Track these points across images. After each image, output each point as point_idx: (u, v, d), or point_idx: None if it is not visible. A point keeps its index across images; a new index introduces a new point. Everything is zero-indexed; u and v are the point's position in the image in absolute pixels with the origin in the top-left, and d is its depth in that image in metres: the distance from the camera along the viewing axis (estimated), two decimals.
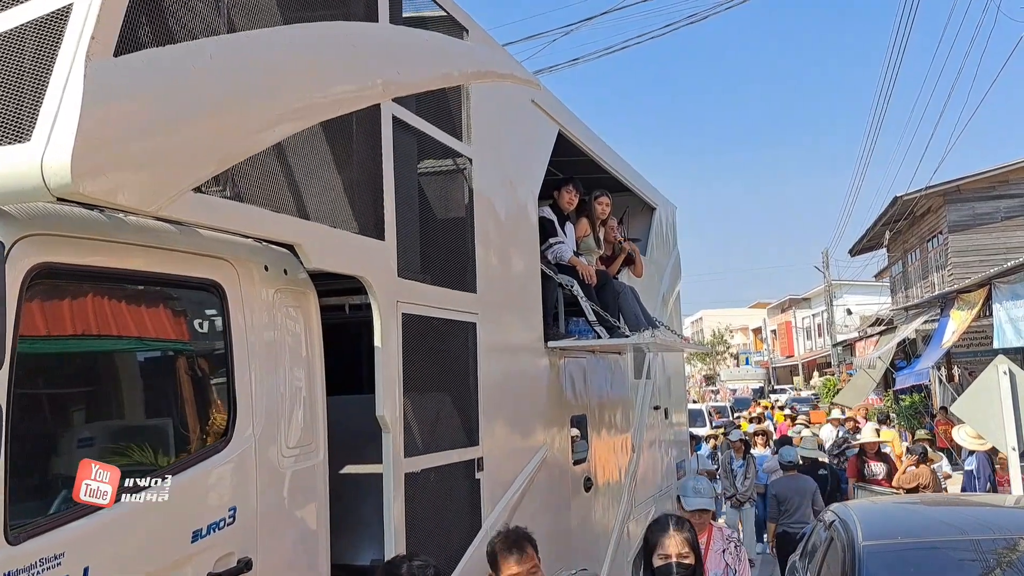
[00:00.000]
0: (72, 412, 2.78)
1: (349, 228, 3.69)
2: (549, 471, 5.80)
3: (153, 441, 2.89)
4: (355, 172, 3.81)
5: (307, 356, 3.64)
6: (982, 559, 4.56)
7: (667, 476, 9.14)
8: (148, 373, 3.01)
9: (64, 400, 2.76)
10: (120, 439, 2.82)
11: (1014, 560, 4.56)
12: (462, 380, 4.71)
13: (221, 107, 2.84)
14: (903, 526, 5.28)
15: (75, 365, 2.80)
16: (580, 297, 6.17)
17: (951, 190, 22.39)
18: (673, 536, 3.48)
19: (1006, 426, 7.52)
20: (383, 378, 3.84)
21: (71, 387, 2.78)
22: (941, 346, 19.10)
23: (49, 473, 2.65)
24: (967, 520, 5.30)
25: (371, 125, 3.90)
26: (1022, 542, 4.74)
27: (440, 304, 4.44)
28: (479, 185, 4.92)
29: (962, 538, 4.83)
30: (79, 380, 2.81)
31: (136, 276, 2.86)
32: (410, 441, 4.05)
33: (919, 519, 5.62)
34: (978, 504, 6.68)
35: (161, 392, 3.04)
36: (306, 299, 3.66)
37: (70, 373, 2.79)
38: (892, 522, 5.45)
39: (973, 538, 4.79)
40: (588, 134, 7.20)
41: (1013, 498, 7.26)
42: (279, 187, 3.31)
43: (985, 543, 4.66)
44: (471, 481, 4.68)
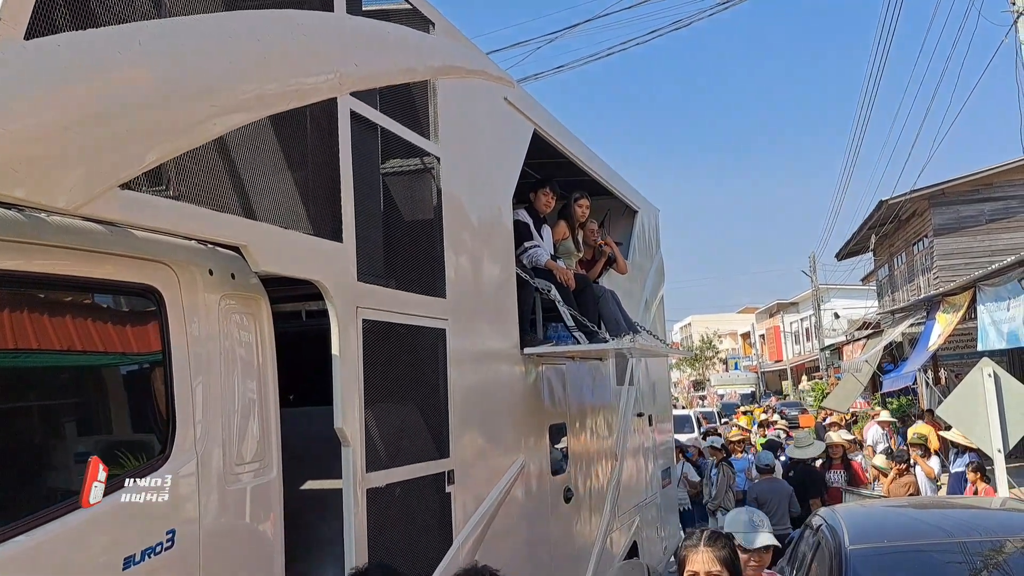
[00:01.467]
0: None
1: (302, 229, 3.47)
2: (526, 482, 5.58)
3: (77, 461, 2.65)
4: (309, 170, 3.60)
5: (259, 366, 3.41)
6: (968, 562, 4.56)
7: (652, 485, 8.93)
8: (73, 387, 2.77)
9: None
10: (39, 460, 2.58)
11: (1000, 562, 4.58)
12: (431, 389, 4.48)
13: (152, 98, 2.61)
14: (890, 529, 5.25)
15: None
16: (558, 302, 5.97)
17: (936, 193, 22.38)
18: (703, 552, 3.09)
19: (991, 428, 7.55)
20: (342, 388, 3.62)
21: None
22: (927, 349, 19.12)
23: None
24: (953, 523, 5.30)
25: (327, 120, 3.68)
26: (1008, 544, 4.78)
27: (406, 310, 4.22)
28: (448, 185, 4.71)
29: (948, 541, 4.83)
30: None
31: (59, 281, 2.63)
32: (373, 455, 3.82)
33: (905, 522, 5.58)
34: (964, 507, 6.65)
35: (88, 407, 2.81)
36: (257, 305, 3.44)
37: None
38: (879, 525, 5.42)
39: (959, 541, 4.79)
40: (566, 135, 7.00)
41: (998, 500, 7.35)
42: (223, 185, 3.08)
43: (971, 545, 4.67)
44: (441, 495, 4.46)
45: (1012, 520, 5.57)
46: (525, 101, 6.03)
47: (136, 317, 2.93)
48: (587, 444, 6.90)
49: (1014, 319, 14.91)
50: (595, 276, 7.24)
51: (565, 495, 6.26)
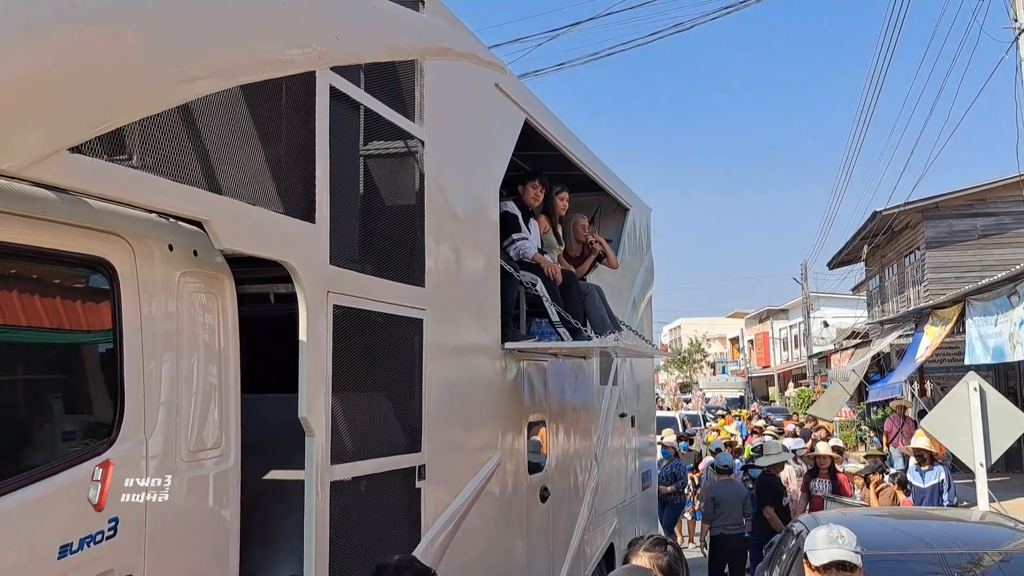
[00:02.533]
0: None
1: (272, 207, 3.30)
2: (502, 480, 5.43)
3: (12, 442, 2.48)
4: (283, 146, 3.43)
5: (220, 349, 3.25)
6: (947, 573, 4.60)
7: (632, 486, 8.79)
8: (12, 364, 2.59)
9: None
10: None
11: (978, 575, 4.65)
12: (405, 381, 4.32)
13: (105, 56, 2.44)
14: (870, 538, 5.11)
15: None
16: (543, 297, 5.81)
17: (929, 207, 22.43)
18: (642, 556, 3.16)
19: (974, 442, 7.63)
20: (308, 376, 3.45)
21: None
22: (914, 361, 19.13)
23: None
24: (933, 534, 5.33)
25: (304, 95, 3.51)
26: (986, 557, 4.84)
27: (381, 297, 4.05)
28: (432, 170, 4.54)
29: (928, 552, 4.86)
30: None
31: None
32: (338, 446, 3.66)
33: (886, 532, 5.56)
34: (944, 519, 6.67)
35: (28, 386, 2.63)
36: (220, 285, 3.27)
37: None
38: (859, 534, 5.37)
39: (938, 552, 4.82)
40: (559, 126, 6.83)
41: (979, 513, 7.40)
42: (187, 155, 2.91)
43: (950, 557, 4.71)
44: (411, 491, 4.30)
45: (991, 534, 5.66)
46: (517, 89, 5.86)
47: (86, 292, 2.76)
48: (567, 443, 6.75)
49: (1000, 334, 14.92)
50: (584, 273, 7.09)
51: (541, 494, 6.11)
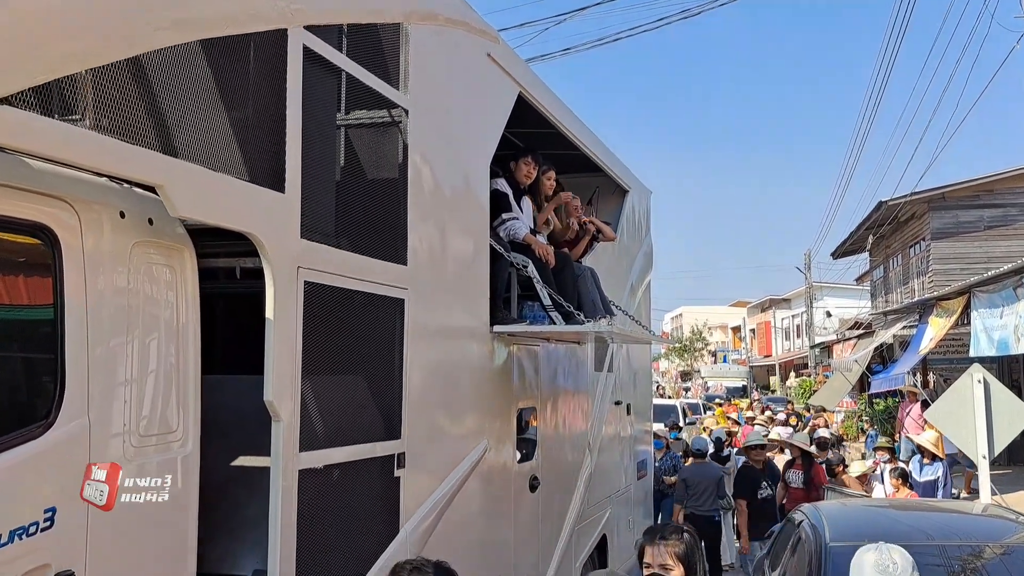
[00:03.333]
0: None
1: (235, 173, 3.05)
2: (489, 469, 5.21)
3: None
4: (250, 109, 3.18)
5: (179, 326, 3.02)
6: (947, 564, 4.63)
7: (627, 476, 8.58)
8: None
9: None
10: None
11: (978, 567, 4.68)
12: (384, 363, 4.09)
13: None
14: (871, 528, 5.20)
15: None
16: (535, 279, 5.57)
17: (936, 197, 22.25)
18: (658, 544, 3.16)
19: (977, 434, 7.62)
20: (275, 356, 3.22)
21: None
22: (918, 352, 18.99)
23: None
24: (935, 525, 5.35)
25: (274, 55, 3.26)
26: (987, 549, 4.87)
27: (358, 275, 3.82)
28: (416, 141, 4.30)
29: (929, 543, 4.84)
30: None
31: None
32: (309, 432, 3.44)
33: (887, 522, 5.57)
34: (946, 510, 6.68)
35: None
36: (179, 257, 3.04)
37: None
38: (860, 524, 5.48)
39: (940, 543, 4.85)
40: (555, 103, 6.58)
41: (980, 505, 7.44)
42: (138, 114, 2.67)
43: (951, 549, 4.75)
44: (388, 479, 4.08)
45: (992, 526, 5.66)
46: (511, 60, 5.60)
47: (22, 262, 2.53)
48: (558, 430, 6.54)
49: (1006, 327, 14.73)
50: (578, 255, 6.84)
51: (531, 483, 5.89)
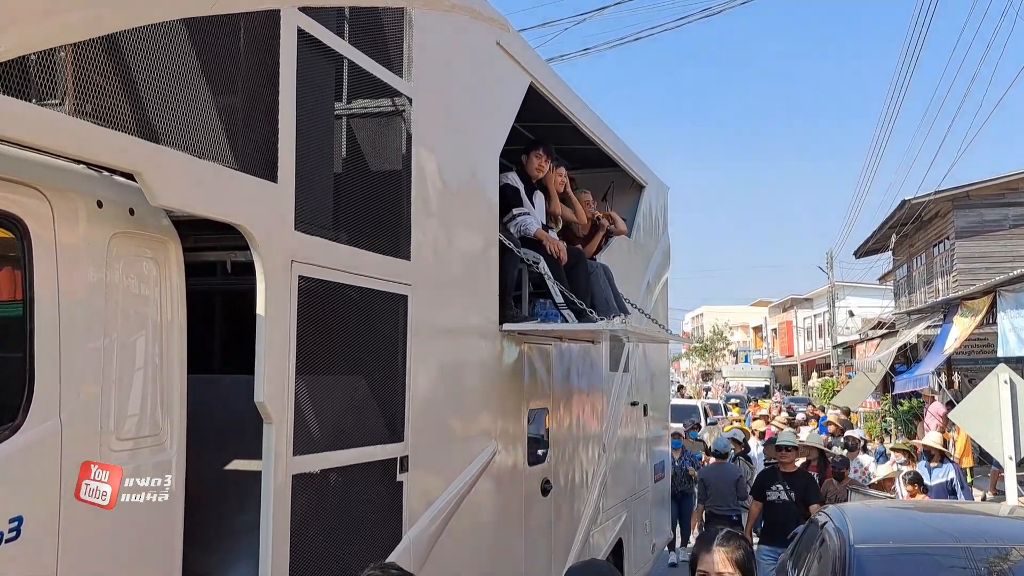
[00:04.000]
0: None
1: (223, 161, 2.88)
2: (498, 472, 5.03)
3: None
4: (239, 93, 3.01)
5: (163, 323, 2.86)
6: (974, 567, 4.52)
7: (643, 478, 8.37)
8: None
9: None
10: None
11: (1006, 570, 4.57)
12: (386, 362, 3.92)
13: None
14: (896, 530, 5.19)
15: None
16: (546, 276, 5.38)
17: (960, 196, 22.02)
18: (715, 552, 3.00)
19: (1003, 435, 7.44)
20: (265, 355, 3.05)
21: None
22: (942, 352, 18.74)
23: None
24: (960, 527, 5.26)
25: (266, 36, 3.10)
26: (1015, 551, 4.73)
27: (358, 269, 3.64)
28: (420, 131, 4.12)
29: (955, 545, 4.79)
30: None
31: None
32: (303, 435, 3.27)
33: (912, 524, 5.47)
34: (972, 512, 6.53)
35: None
36: (163, 250, 2.88)
37: None
38: (885, 526, 5.36)
39: (966, 545, 4.75)
40: (568, 94, 6.38)
41: (1007, 507, 7.25)
42: (116, 96, 2.50)
43: (977, 551, 4.63)
44: (391, 484, 3.90)
45: (1020, 528, 5.48)
46: (521, 49, 5.41)
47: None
48: (572, 432, 6.34)
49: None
50: (592, 252, 6.64)
51: (543, 487, 5.70)
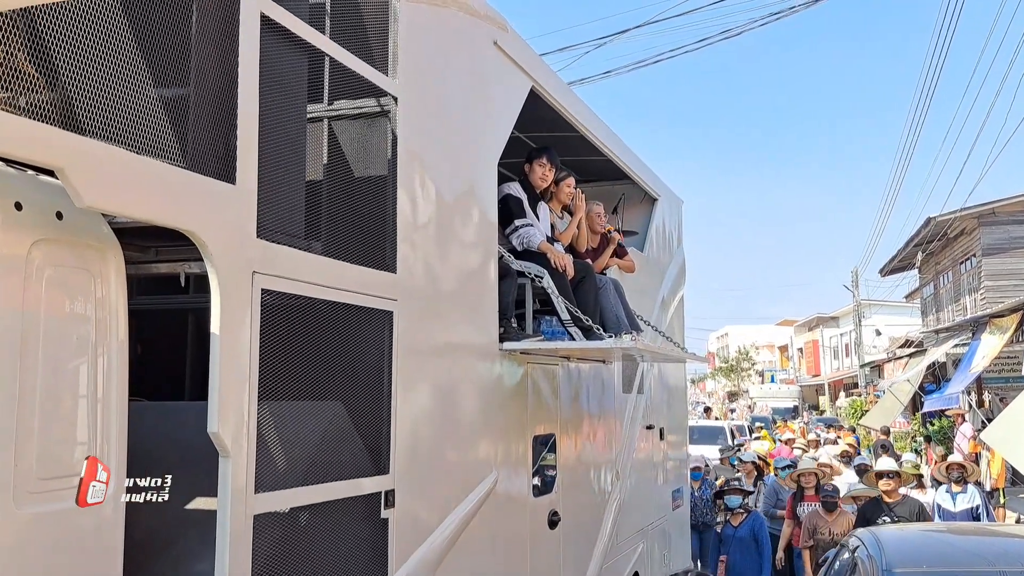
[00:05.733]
0: None
1: (168, 158, 2.55)
2: (499, 504, 4.63)
3: None
4: (191, 83, 2.67)
5: (98, 343, 2.51)
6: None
7: (660, 507, 7.91)
8: None
9: None
10: None
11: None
12: (368, 386, 3.55)
13: None
14: (929, 554, 5.06)
15: None
16: (551, 292, 5.01)
17: (986, 212, 21.91)
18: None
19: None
20: (222, 379, 2.70)
21: None
22: (971, 371, 18.21)
23: None
24: (995, 550, 5.05)
25: (222, 21, 2.77)
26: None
27: (334, 283, 3.29)
28: (408, 134, 3.78)
29: (990, 569, 4.63)
30: None
31: None
32: (267, 470, 2.90)
33: (946, 548, 5.33)
34: (1007, 535, 6.31)
35: None
36: (100, 260, 2.54)
37: None
38: (918, 549, 5.23)
39: (1001, 569, 4.58)
40: (574, 101, 6.04)
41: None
42: (33, 80, 2.18)
43: (1013, 575, 4.48)
44: (374, 522, 3.52)
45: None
46: (522, 52, 5.06)
47: None
48: (582, 459, 5.93)
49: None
50: (602, 267, 6.25)
51: (550, 519, 5.29)
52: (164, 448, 3.12)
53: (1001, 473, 14.81)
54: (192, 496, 3.19)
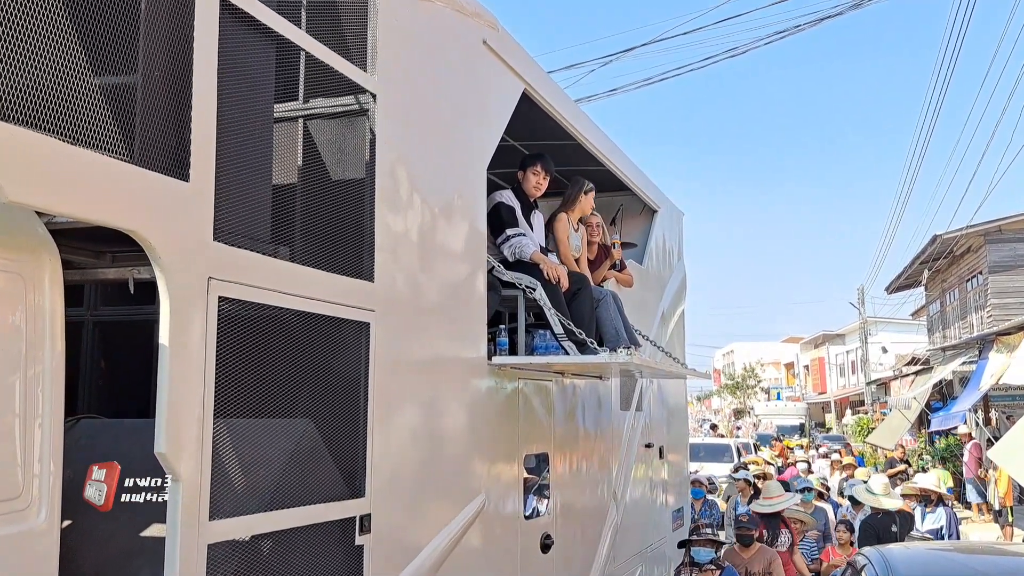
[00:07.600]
0: None
1: (110, 151, 2.31)
2: (488, 528, 4.38)
3: None
4: (139, 70, 2.44)
5: (28, 355, 2.27)
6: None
7: (660, 528, 7.62)
8: None
9: None
10: None
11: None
12: (342, 402, 3.30)
13: None
14: (940, 573, 4.96)
15: None
16: (544, 304, 4.77)
17: (992, 230, 21.77)
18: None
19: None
20: (171, 395, 2.45)
21: None
22: (978, 389, 18.00)
23: None
24: (1004, 569, 5.02)
25: (176, 3, 2.55)
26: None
27: (301, 291, 3.04)
28: (387, 134, 3.55)
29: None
30: None
31: None
32: (224, 494, 2.65)
33: (953, 566, 5.21)
34: (1016, 554, 6.15)
35: None
36: (33, 265, 2.30)
37: None
38: (925, 567, 5.13)
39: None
40: (570, 106, 5.82)
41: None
42: None
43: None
44: (348, 549, 3.26)
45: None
46: (513, 52, 4.84)
47: None
48: (577, 479, 5.66)
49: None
50: (599, 280, 6.01)
51: (543, 543, 5.02)
52: (128, 469, 2.88)
53: (1008, 491, 14.57)
54: (151, 522, 2.94)
